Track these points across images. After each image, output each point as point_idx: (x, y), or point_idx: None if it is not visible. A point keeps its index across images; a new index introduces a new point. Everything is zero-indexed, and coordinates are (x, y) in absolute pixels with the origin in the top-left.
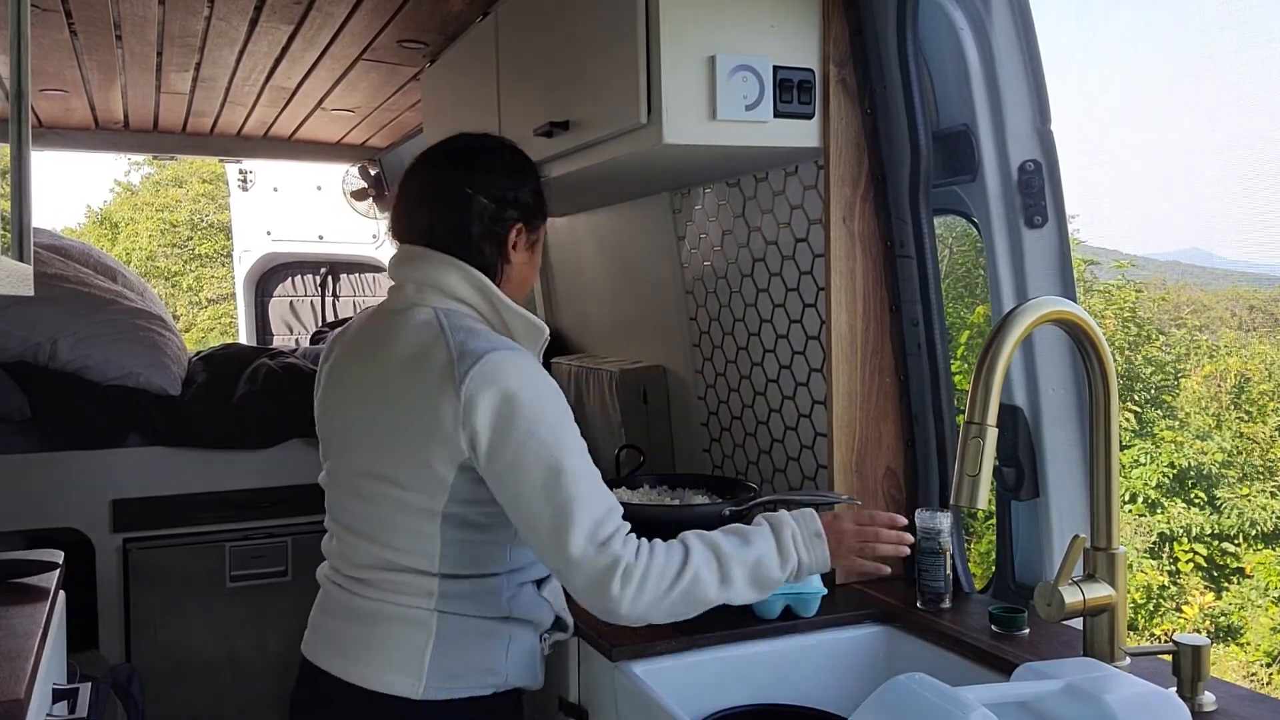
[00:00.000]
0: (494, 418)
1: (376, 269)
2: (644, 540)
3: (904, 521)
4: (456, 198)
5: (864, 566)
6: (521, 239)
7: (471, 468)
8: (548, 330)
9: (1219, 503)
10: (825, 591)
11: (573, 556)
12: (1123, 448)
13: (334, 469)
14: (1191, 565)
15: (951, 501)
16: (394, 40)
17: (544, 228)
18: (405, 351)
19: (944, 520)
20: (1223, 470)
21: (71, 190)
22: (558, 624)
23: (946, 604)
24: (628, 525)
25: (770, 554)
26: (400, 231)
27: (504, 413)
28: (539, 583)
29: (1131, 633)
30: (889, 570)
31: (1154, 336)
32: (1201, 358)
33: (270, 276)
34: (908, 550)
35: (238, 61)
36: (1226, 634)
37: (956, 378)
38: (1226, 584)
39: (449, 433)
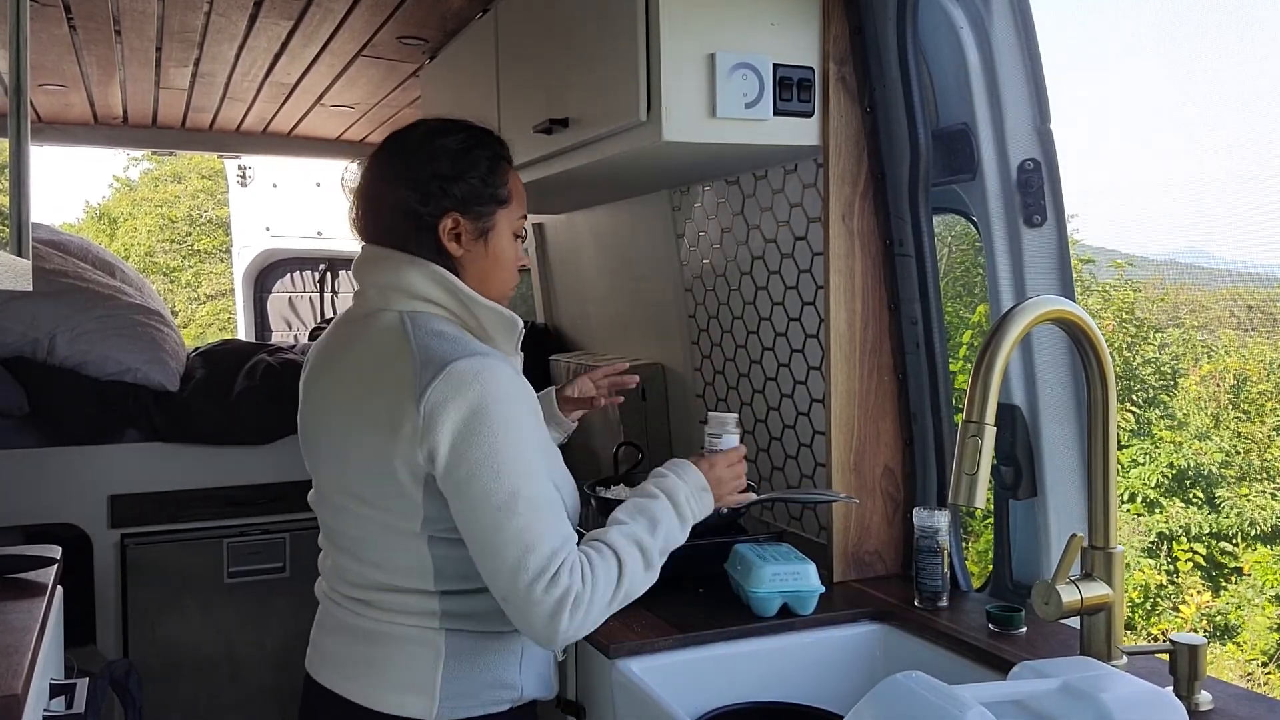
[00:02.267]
0: (454, 433)
1: None
2: (583, 557)
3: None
4: (376, 192)
5: (738, 500)
6: (465, 229)
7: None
8: (521, 323)
9: (1218, 502)
10: (823, 589)
11: (522, 591)
12: (1121, 447)
13: (319, 487)
14: (1190, 565)
15: (949, 500)
16: (394, 36)
17: (502, 215)
18: (368, 361)
19: (942, 519)
20: (1221, 470)
21: (70, 186)
22: None
23: (944, 602)
24: (575, 554)
25: (674, 525)
26: (358, 232)
27: (465, 429)
28: None
29: (1129, 632)
30: (754, 496)
31: (1152, 336)
32: (1200, 358)
33: (269, 272)
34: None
35: (237, 57)
36: (1223, 633)
37: (960, 379)
38: (1225, 583)
39: (408, 449)
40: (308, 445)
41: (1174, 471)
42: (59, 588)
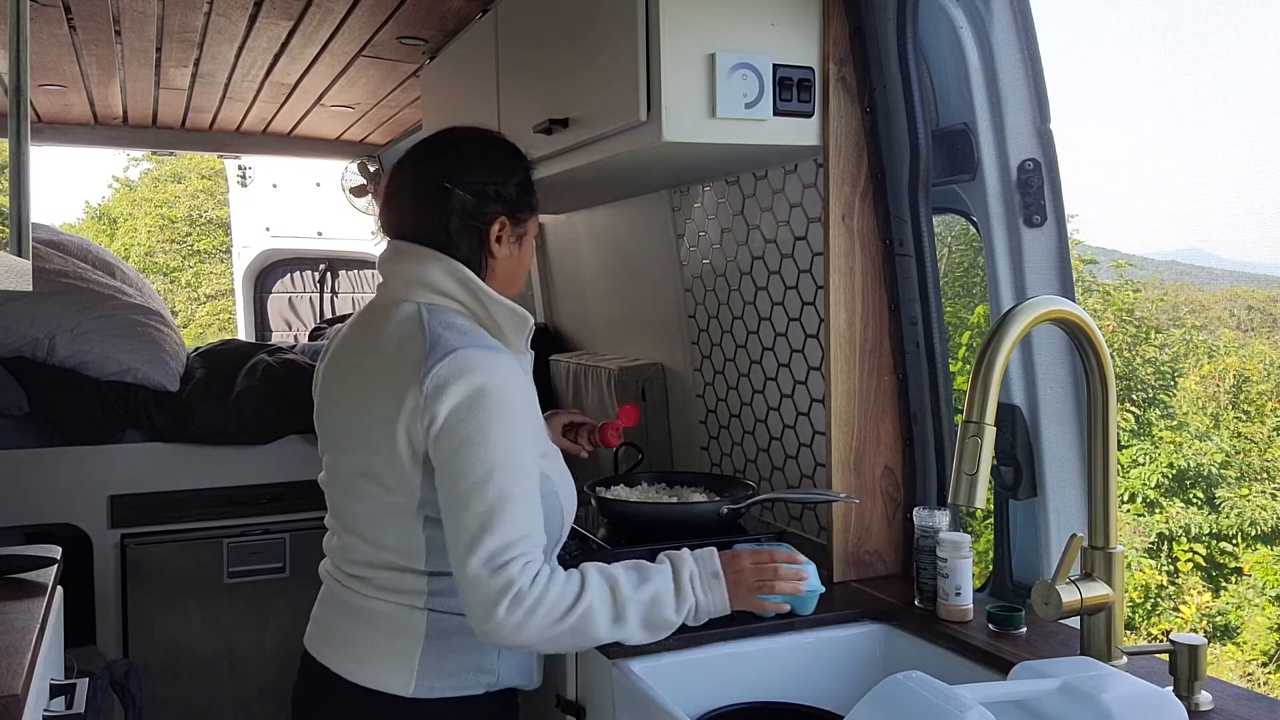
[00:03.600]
0: (451, 408)
1: (375, 265)
2: (546, 568)
3: (802, 559)
4: (435, 192)
5: (764, 604)
6: (506, 232)
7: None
8: (532, 320)
9: (1218, 502)
10: (823, 589)
11: (469, 570)
12: (1121, 448)
13: (329, 466)
14: (1191, 565)
15: (949, 500)
16: (393, 37)
17: (532, 221)
18: (385, 347)
19: (942, 519)
20: (1221, 471)
21: (70, 186)
22: None
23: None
24: (539, 559)
25: (667, 593)
26: (387, 227)
27: (466, 404)
28: None
29: (1129, 632)
30: (788, 608)
31: (1152, 336)
32: (1200, 358)
33: (269, 272)
34: (805, 588)
35: (237, 57)
36: (1223, 633)
37: (958, 379)
38: (1225, 584)
39: (409, 423)
40: (322, 426)
41: (1174, 472)
42: (59, 588)
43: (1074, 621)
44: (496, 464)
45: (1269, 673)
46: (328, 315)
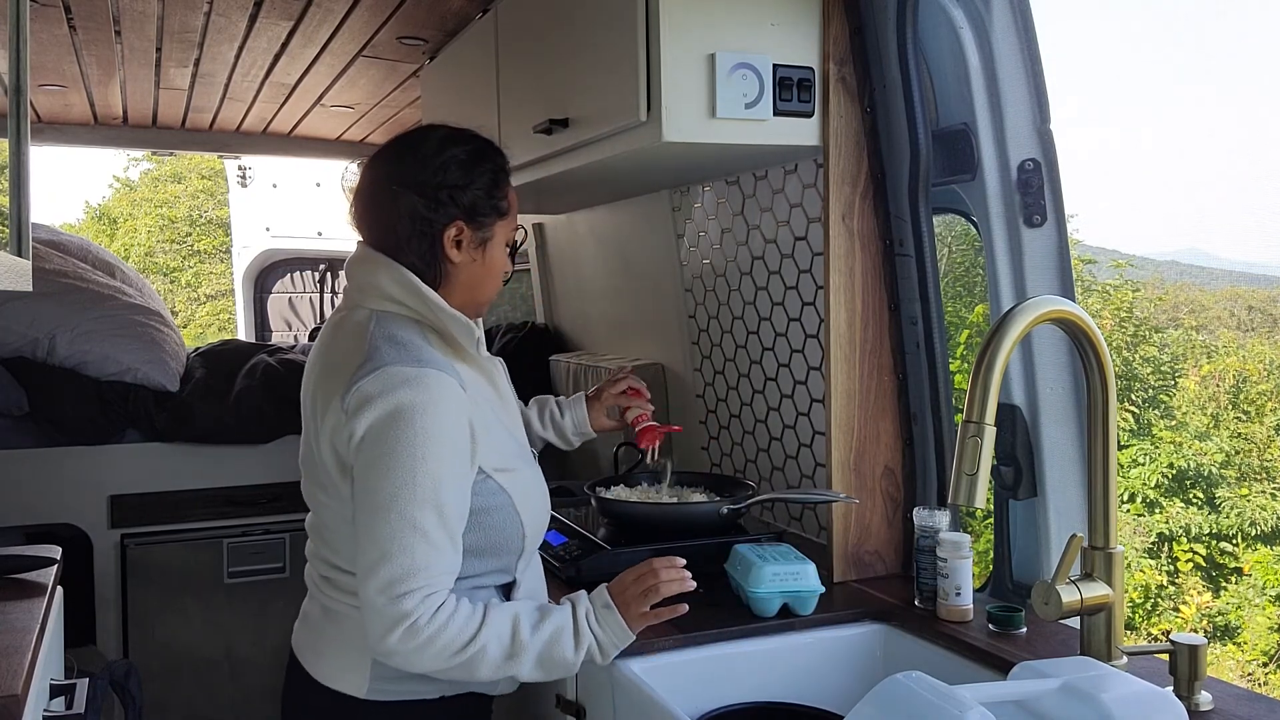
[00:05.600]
0: (371, 424)
1: None
2: (448, 603)
3: (681, 561)
4: (384, 195)
5: (659, 616)
6: (466, 237)
7: None
8: (478, 330)
9: (1218, 502)
10: (823, 590)
11: (366, 594)
12: (1121, 448)
13: (303, 475)
14: (1191, 565)
15: (949, 500)
16: (393, 37)
17: (501, 225)
18: (333, 356)
19: (942, 519)
20: (1221, 471)
21: (70, 186)
22: None
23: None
24: (442, 590)
25: (565, 633)
26: (358, 229)
27: (383, 423)
28: (506, 589)
29: (1129, 632)
30: (685, 609)
31: (1150, 336)
32: (1200, 358)
33: (269, 273)
34: (693, 584)
35: (237, 57)
36: (1224, 633)
37: (956, 378)
38: (1225, 584)
39: (334, 436)
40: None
41: (1174, 472)
42: (59, 588)
43: (1074, 621)
44: (403, 490)
45: (1269, 673)
46: (328, 315)
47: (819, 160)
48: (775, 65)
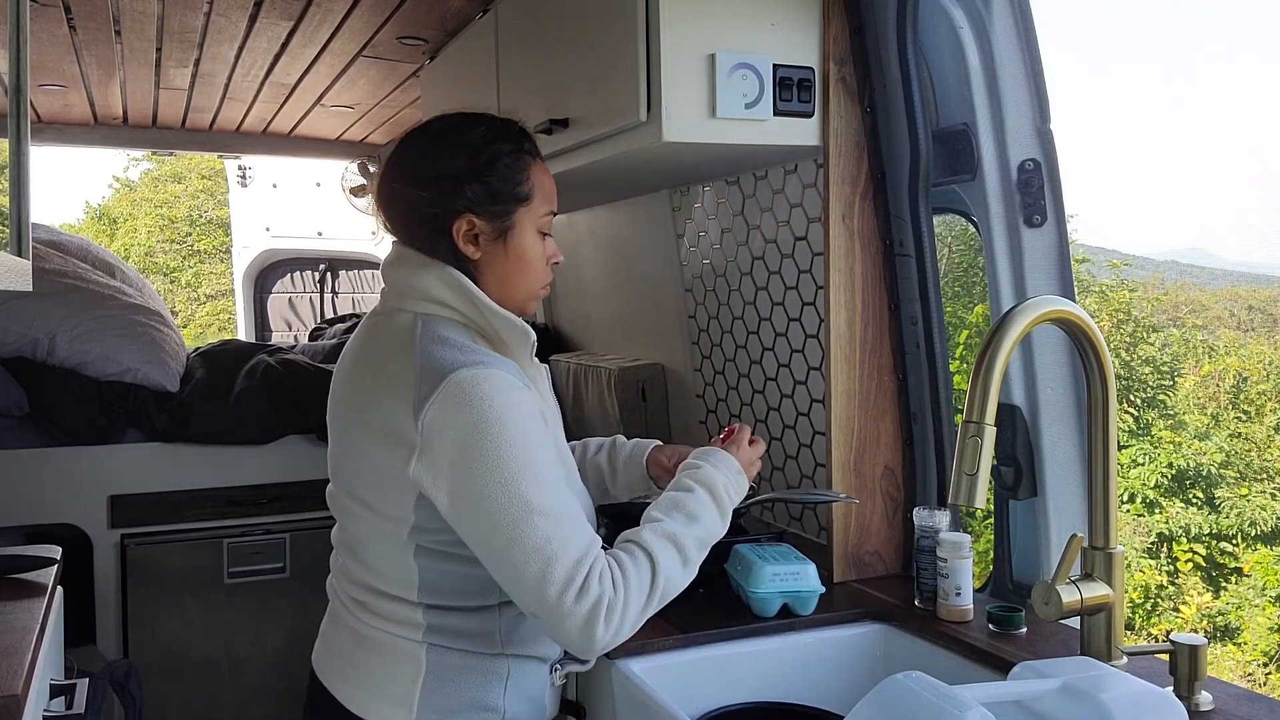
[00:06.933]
0: (455, 452)
1: (375, 265)
2: (613, 561)
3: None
4: (394, 193)
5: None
6: (483, 230)
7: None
8: (534, 334)
9: (1218, 502)
10: (823, 590)
11: (550, 605)
12: (1120, 448)
13: (332, 483)
14: (1191, 565)
15: (949, 500)
16: (393, 37)
17: (524, 212)
18: (375, 362)
19: (942, 519)
20: (1221, 471)
21: (70, 186)
22: (571, 654)
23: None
24: (603, 557)
25: (714, 517)
26: (388, 230)
27: (466, 446)
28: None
29: (1129, 632)
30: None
31: (1149, 336)
32: (1199, 358)
33: (269, 273)
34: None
35: (237, 57)
36: (1224, 634)
37: (956, 378)
38: (1225, 584)
39: (406, 462)
40: (330, 440)
41: (1174, 472)
42: (59, 588)
43: (1074, 621)
44: (527, 489)
45: (1269, 673)
46: (328, 315)
47: (819, 160)
48: (775, 65)
